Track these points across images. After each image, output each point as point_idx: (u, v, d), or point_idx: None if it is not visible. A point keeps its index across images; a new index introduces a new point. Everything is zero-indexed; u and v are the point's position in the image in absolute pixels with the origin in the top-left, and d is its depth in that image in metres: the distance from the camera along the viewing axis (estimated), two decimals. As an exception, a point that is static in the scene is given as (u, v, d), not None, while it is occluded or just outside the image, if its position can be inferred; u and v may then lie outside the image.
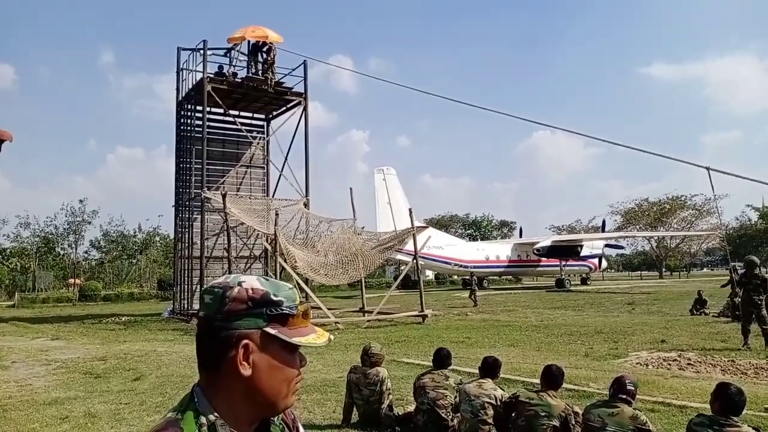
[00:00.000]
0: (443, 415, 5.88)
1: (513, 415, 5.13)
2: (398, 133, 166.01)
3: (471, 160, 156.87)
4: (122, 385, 9.07)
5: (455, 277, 51.27)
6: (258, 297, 1.30)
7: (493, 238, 74.20)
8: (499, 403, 5.35)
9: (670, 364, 10.09)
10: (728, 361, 10.32)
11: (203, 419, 1.26)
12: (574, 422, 4.89)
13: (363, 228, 24.21)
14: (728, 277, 21.47)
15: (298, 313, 1.33)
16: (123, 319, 22.59)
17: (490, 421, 5.37)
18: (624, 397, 4.58)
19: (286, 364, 1.32)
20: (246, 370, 1.27)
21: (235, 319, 1.28)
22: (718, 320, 17.12)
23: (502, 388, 5.84)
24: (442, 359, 6.32)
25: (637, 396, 7.16)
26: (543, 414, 4.88)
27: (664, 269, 75.55)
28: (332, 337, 1.45)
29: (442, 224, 75.18)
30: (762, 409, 6.72)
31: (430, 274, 54.59)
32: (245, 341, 1.27)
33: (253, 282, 1.32)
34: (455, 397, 5.94)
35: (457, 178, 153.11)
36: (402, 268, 26.26)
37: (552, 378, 5.14)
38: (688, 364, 10.10)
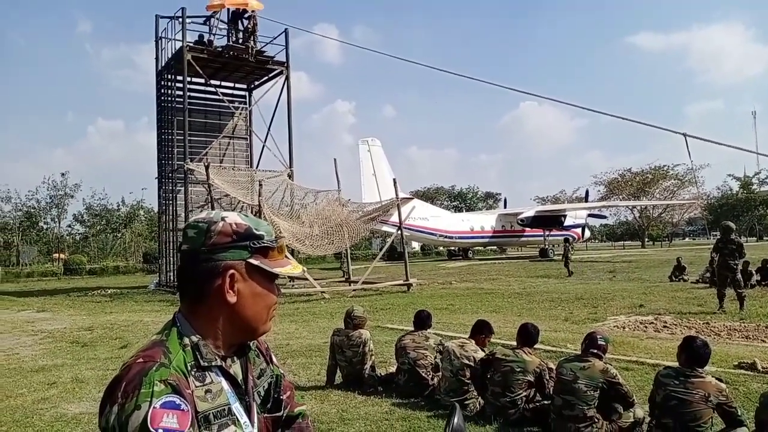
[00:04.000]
0: (423, 374, 6.06)
1: (490, 371, 5.29)
2: (384, 104, 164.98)
3: (457, 132, 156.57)
4: (109, 353, 9.17)
5: (441, 248, 51.59)
6: (242, 231, 1.40)
7: (478, 209, 74.63)
8: (475, 363, 5.50)
9: (646, 327, 10.36)
10: (703, 323, 10.62)
11: (186, 340, 1.36)
12: (548, 377, 5.07)
13: (349, 200, 24.31)
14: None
15: (276, 247, 1.45)
16: (109, 291, 22.59)
17: (469, 381, 5.54)
18: (595, 351, 4.75)
19: (267, 291, 1.44)
20: (232, 298, 1.38)
21: (221, 251, 1.38)
22: (696, 286, 17.51)
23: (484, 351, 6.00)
24: (422, 320, 6.48)
25: (613, 356, 7.43)
26: (518, 369, 5.05)
27: (646, 239, 76.49)
28: (305, 269, 1.57)
29: (428, 196, 75.37)
30: (732, 366, 6.98)
31: (416, 246, 54.95)
32: (231, 271, 1.38)
33: (235, 217, 1.43)
34: (435, 357, 6.11)
35: (443, 149, 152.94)
36: (388, 240, 26.42)
37: (527, 335, 5.30)
38: (664, 326, 10.38)
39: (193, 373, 1.32)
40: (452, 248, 46.91)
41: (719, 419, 4.21)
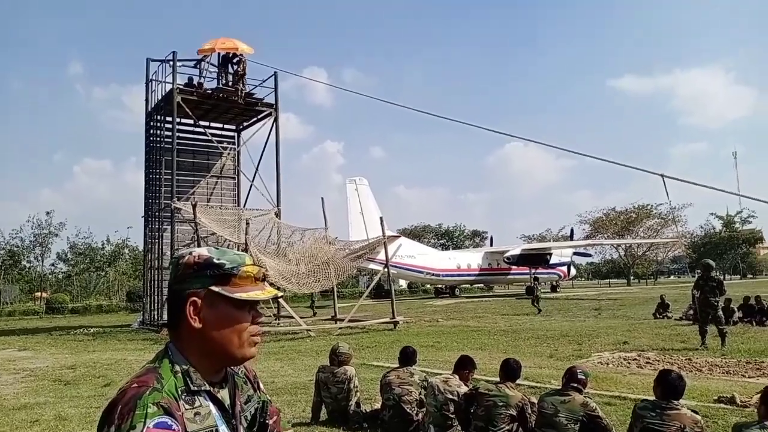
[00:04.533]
0: (408, 410, 6.09)
1: (474, 406, 5.36)
2: (372, 144, 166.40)
3: (444, 171, 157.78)
4: (92, 391, 9.10)
5: (428, 286, 51.58)
6: (201, 261, 1.52)
7: (465, 247, 74.94)
8: (459, 398, 5.58)
9: (629, 363, 10.47)
10: (685, 359, 10.75)
11: (177, 367, 1.47)
12: (530, 411, 5.15)
13: (336, 238, 24.44)
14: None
15: (242, 274, 1.54)
16: (92, 330, 22.28)
17: (453, 416, 5.60)
18: (575, 385, 4.86)
19: (233, 317, 1.52)
20: (196, 324, 1.49)
21: (185, 282, 1.51)
22: (680, 323, 17.68)
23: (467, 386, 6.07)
24: (408, 357, 6.55)
25: (597, 391, 7.52)
26: (501, 404, 5.12)
27: (632, 277, 77.09)
28: (280, 293, 1.66)
29: (415, 234, 75.71)
30: (712, 400, 7.09)
31: (403, 284, 54.91)
32: (193, 298, 1.49)
33: (201, 251, 1.56)
34: (420, 393, 6.17)
35: (430, 188, 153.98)
36: (375, 278, 26.58)
37: (510, 370, 5.40)
38: (647, 362, 10.50)
39: (183, 397, 1.42)
40: (439, 286, 46.94)
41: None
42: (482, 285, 52.65)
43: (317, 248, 20.64)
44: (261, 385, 1.79)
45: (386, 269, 20.82)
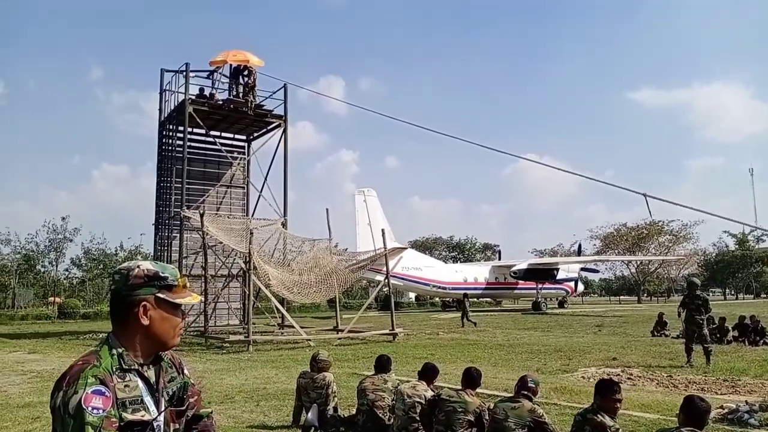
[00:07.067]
0: (380, 415, 6.50)
1: (436, 410, 5.75)
2: (387, 153, 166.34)
3: (459, 182, 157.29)
4: (92, 392, 9.56)
5: (436, 299, 51.81)
6: (151, 274, 2.04)
7: (476, 260, 75.00)
8: (425, 402, 5.98)
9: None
10: (667, 376, 11.03)
11: (114, 351, 1.98)
12: (487, 417, 5.53)
13: (346, 249, 24.96)
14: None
15: (179, 284, 2.08)
16: (101, 335, 22.87)
17: (419, 418, 6.00)
18: (525, 393, 5.26)
19: (172, 316, 2.06)
20: (145, 321, 2.01)
21: (137, 289, 2.02)
22: (676, 341, 17.83)
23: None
24: (383, 364, 6.97)
25: (569, 403, 7.87)
26: (460, 410, 5.52)
27: (644, 294, 76.71)
28: (201, 297, 2.17)
29: (426, 246, 76.09)
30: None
31: (412, 296, 55.20)
32: (144, 302, 2.01)
33: (147, 265, 2.06)
34: (393, 399, 6.57)
35: (444, 199, 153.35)
36: (385, 290, 27.04)
37: (470, 378, 5.80)
38: (629, 378, 10.79)
39: (117, 373, 1.92)
40: (446, 299, 47.15)
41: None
42: (489, 299, 52.71)
43: (321, 258, 21.10)
44: (185, 370, 2.29)
45: (387, 280, 21.21)
